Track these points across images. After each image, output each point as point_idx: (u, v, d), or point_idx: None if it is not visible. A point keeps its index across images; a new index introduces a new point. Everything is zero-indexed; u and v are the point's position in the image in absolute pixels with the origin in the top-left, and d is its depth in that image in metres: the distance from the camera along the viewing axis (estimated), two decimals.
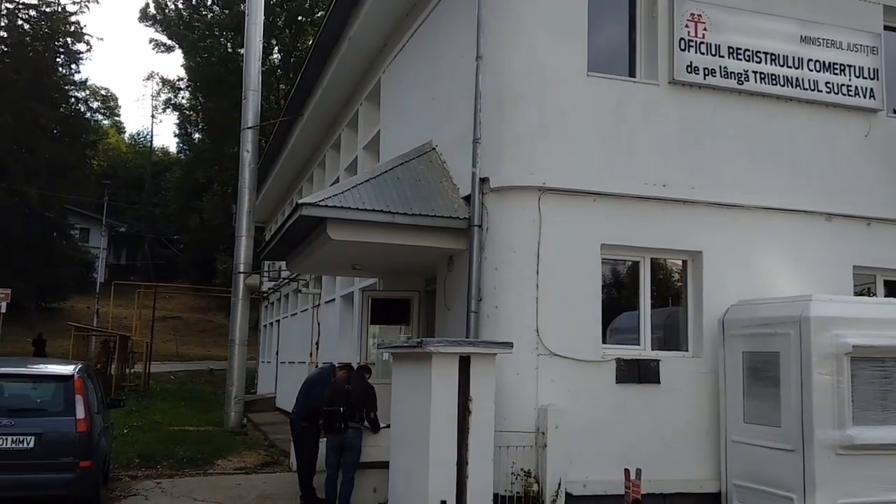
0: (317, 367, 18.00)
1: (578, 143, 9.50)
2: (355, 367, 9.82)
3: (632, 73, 10.14)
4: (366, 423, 9.07)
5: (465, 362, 7.41)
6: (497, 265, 9.33)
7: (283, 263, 20.15)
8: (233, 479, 11.45)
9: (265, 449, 14.82)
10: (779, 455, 8.52)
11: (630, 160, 9.66)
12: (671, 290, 10.37)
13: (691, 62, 9.96)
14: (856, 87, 10.58)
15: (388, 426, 9.02)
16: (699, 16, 10.05)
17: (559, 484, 8.77)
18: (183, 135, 62.38)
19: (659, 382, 9.51)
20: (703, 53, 10.01)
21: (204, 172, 49.94)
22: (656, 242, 9.78)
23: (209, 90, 48.10)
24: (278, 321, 26.61)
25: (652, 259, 9.99)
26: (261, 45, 19.67)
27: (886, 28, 11.04)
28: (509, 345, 7.58)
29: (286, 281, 23.05)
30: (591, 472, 9.05)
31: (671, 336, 10.11)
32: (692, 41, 10.00)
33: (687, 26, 10.00)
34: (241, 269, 18.39)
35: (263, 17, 19.88)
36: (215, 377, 31.52)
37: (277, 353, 25.90)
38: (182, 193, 55.67)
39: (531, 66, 9.52)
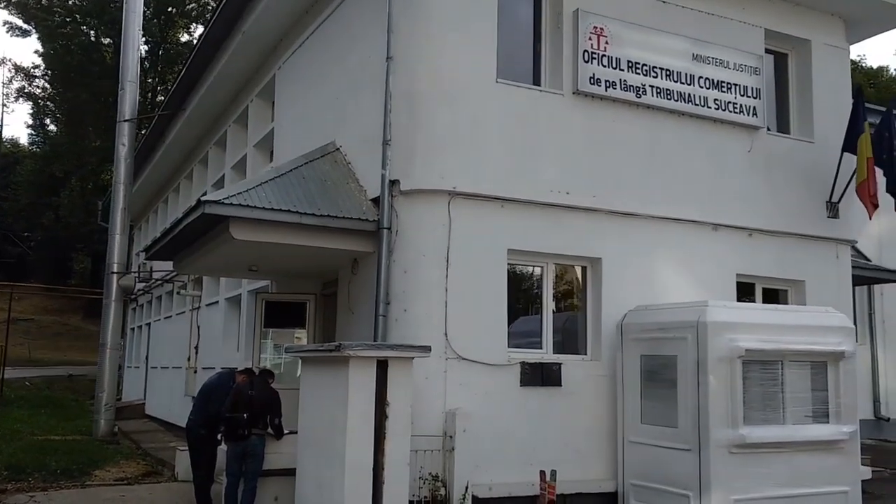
0: (195, 371, 17.36)
1: (488, 149, 9.59)
2: (257, 371, 9.48)
3: (537, 82, 10.34)
4: (269, 429, 8.76)
5: (381, 366, 7.30)
6: (406, 268, 9.26)
7: (155, 264, 19.33)
8: (115, 491, 10.78)
9: (143, 458, 14.08)
10: (675, 454, 8.87)
11: (536, 167, 9.85)
12: (571, 295, 10.63)
13: (594, 74, 10.26)
14: (741, 105, 11.22)
15: (292, 432, 8.77)
16: (602, 29, 10.37)
17: (466, 487, 8.80)
18: (37, 126, 58.58)
19: (561, 385, 9.73)
20: (604, 66, 10.33)
21: (61, 166, 47.06)
22: (559, 249, 10.02)
23: (69, 80, 45.47)
24: (148, 324, 25.37)
25: (555, 265, 10.22)
26: (139, 35, 18.70)
27: (767, 51, 11.79)
28: (427, 348, 7.54)
29: (159, 282, 22.03)
30: (496, 475, 9.14)
31: (569, 340, 10.36)
32: (595, 53, 10.30)
33: (590, 39, 10.30)
34: (115, 269, 17.40)
35: (142, 7, 18.83)
36: (75, 383, 29.72)
37: (147, 357, 24.70)
38: (35, 188, 52.11)
39: (442, 70, 9.53)
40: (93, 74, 43.36)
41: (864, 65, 41.73)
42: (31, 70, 53.28)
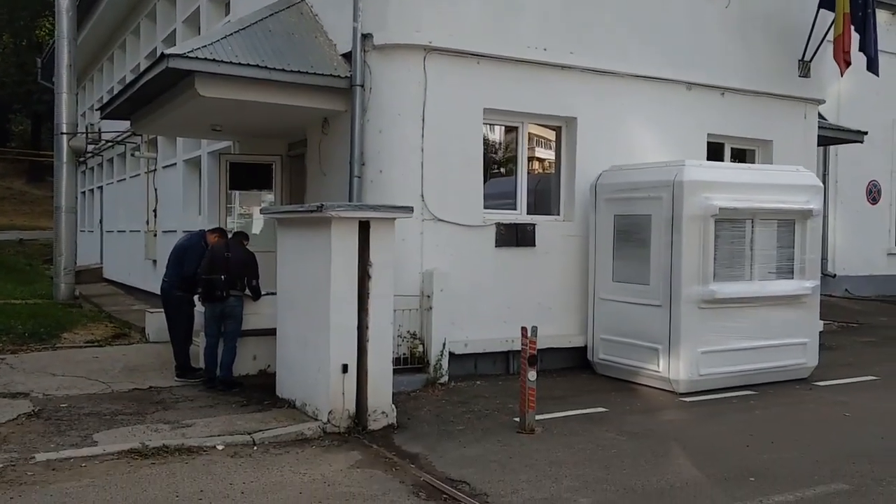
0: (156, 235, 17.10)
1: (463, 1, 9.18)
2: (229, 234, 9.32)
3: None
4: (247, 291, 8.72)
5: (363, 227, 7.20)
6: (381, 128, 9.04)
7: (103, 124, 18.61)
8: (87, 353, 10.75)
9: (109, 321, 14.01)
10: (646, 310, 9.12)
11: (514, 22, 9.51)
12: (544, 155, 10.55)
13: None
14: None
15: (270, 293, 8.75)
16: None
17: (443, 344, 8.99)
18: None
19: (534, 245, 9.81)
20: None
21: None
22: (535, 108, 9.84)
23: None
24: (101, 188, 24.70)
25: (529, 124, 10.07)
26: None
27: None
28: (409, 209, 7.43)
29: (110, 144, 21.26)
30: (471, 332, 9.33)
31: (542, 201, 10.37)
32: None
33: None
34: (64, 130, 16.71)
35: None
36: (27, 247, 29.18)
37: (101, 221, 24.20)
38: None
39: None
40: None
41: None
42: None
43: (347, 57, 9.21)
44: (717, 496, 5.56)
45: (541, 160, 10.62)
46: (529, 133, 10.20)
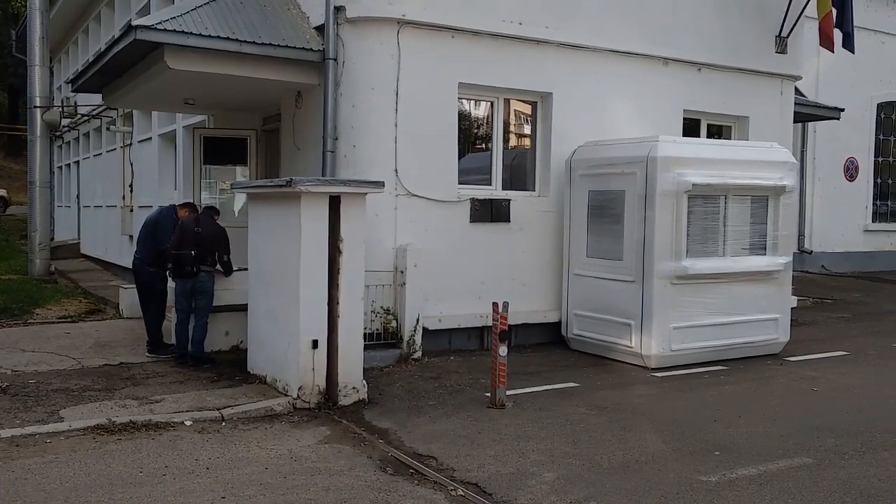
0: (132, 211, 16.94)
1: None
2: (199, 208, 9.23)
3: None
4: (217, 266, 8.65)
5: (334, 202, 7.15)
6: (354, 102, 8.95)
7: (79, 98, 18.37)
8: (59, 329, 10.67)
9: (84, 297, 13.91)
10: (619, 286, 9.14)
11: None
12: (519, 131, 10.50)
13: None
14: None
15: (241, 269, 8.68)
16: None
17: (417, 320, 8.98)
18: None
19: (509, 221, 9.80)
20: None
21: None
22: (510, 83, 9.77)
23: None
24: (77, 162, 24.41)
25: (505, 100, 10.01)
26: None
27: None
28: (380, 184, 7.38)
29: (86, 118, 20.98)
30: (445, 308, 9.32)
31: (517, 177, 10.34)
32: None
33: None
34: (38, 104, 16.50)
35: None
36: (4, 223, 28.86)
37: (78, 197, 23.94)
38: None
39: None
40: None
41: None
42: None
43: (320, 30, 9.10)
44: (681, 470, 5.60)
45: (517, 135, 10.57)
46: (506, 108, 10.14)
